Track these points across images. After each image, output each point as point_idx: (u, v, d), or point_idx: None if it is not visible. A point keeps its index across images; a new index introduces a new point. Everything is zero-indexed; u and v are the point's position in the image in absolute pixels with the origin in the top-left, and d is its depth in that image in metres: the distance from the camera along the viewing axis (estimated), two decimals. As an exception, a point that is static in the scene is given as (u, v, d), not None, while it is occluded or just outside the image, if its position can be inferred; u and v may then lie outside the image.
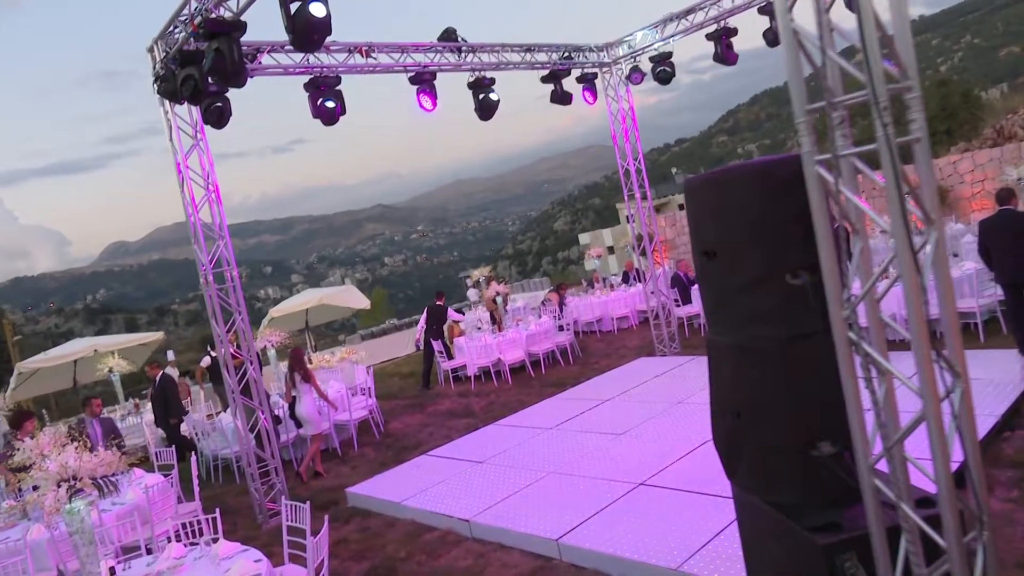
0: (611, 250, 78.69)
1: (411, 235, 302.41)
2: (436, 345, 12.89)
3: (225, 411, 11.37)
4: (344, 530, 6.94)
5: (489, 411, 10.56)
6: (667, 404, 8.46)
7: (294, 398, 9.16)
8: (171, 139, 7.47)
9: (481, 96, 9.70)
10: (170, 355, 18.67)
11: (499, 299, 13.41)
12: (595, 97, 11.24)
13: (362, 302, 19.33)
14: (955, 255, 11.00)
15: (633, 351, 12.61)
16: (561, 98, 10.71)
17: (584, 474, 6.79)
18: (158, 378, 10.73)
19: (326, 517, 5.07)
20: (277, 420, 9.48)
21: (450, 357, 13.22)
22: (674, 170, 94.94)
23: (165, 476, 7.26)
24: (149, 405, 13.63)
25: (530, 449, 7.90)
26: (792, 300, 3.05)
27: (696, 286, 13.69)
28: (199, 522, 5.77)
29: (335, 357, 14.32)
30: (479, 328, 13.59)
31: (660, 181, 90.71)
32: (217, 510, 5.51)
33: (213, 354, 13.67)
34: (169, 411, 10.51)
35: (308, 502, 5.16)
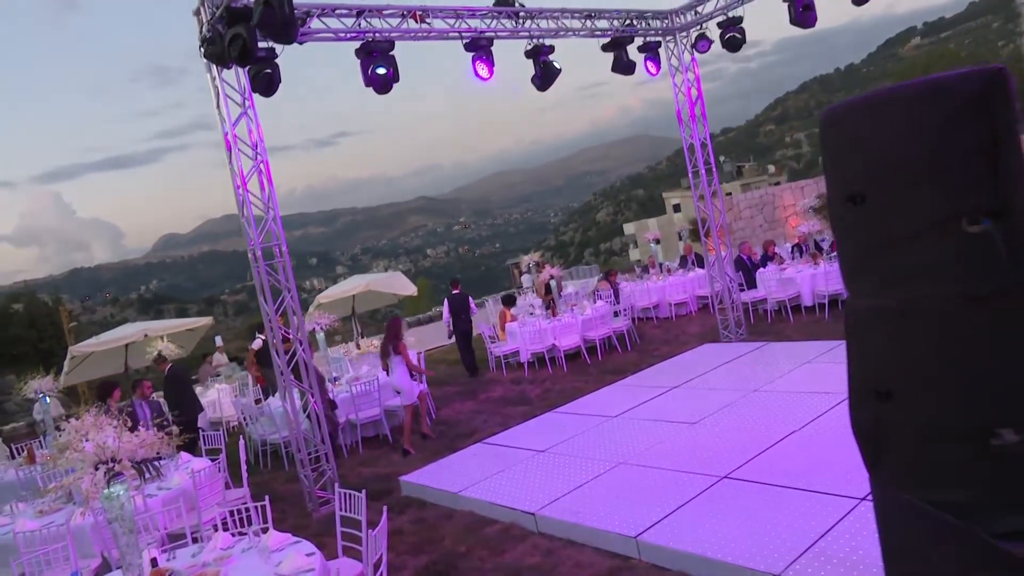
0: (657, 241, 77.61)
1: (453, 227, 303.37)
2: (486, 329, 12.42)
3: (274, 395, 11.10)
4: (398, 521, 6.51)
5: (545, 398, 10.05)
6: (742, 392, 7.83)
7: (387, 366, 8.91)
8: (218, 107, 7.09)
9: (543, 63, 9.14)
10: (218, 340, 18.61)
11: (553, 283, 12.87)
12: (658, 67, 10.59)
13: (409, 288, 19.00)
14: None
15: (695, 338, 11.95)
16: (625, 67, 10.10)
17: (658, 465, 6.23)
18: (167, 371, 10.13)
19: (384, 508, 4.62)
20: (333, 405, 9.13)
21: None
22: (722, 158, 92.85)
23: (213, 461, 6.93)
24: (198, 389, 13.50)
25: (595, 438, 7.37)
26: (970, 252, 2.45)
27: (762, 269, 12.96)
28: (247, 509, 5.43)
29: (376, 343, 14.01)
30: (532, 313, 13.07)
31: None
32: (267, 499, 5.11)
33: (263, 337, 13.46)
34: (180, 406, 9.18)
35: (363, 491, 4.72)
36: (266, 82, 7.10)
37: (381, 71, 7.83)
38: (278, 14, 5.45)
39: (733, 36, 10.00)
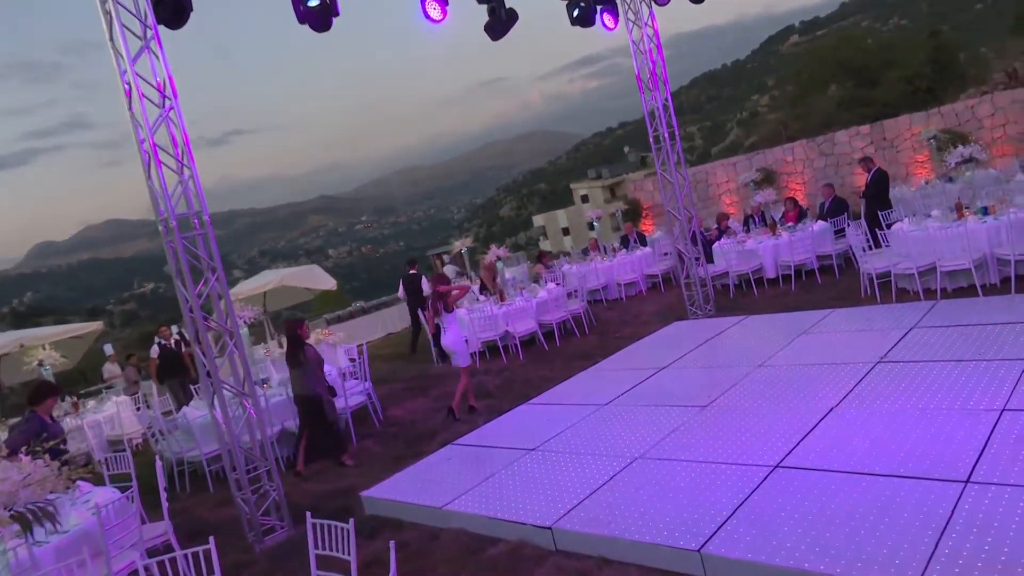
0: (566, 231, 77.72)
1: (356, 226, 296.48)
2: (436, 318, 11.18)
3: (180, 409, 9.49)
4: (371, 548, 5.23)
5: (508, 390, 8.94)
6: (745, 368, 6.98)
7: (438, 328, 8.26)
8: (111, 39, 5.57)
9: (494, 9, 8.00)
10: (108, 349, 16.43)
11: (500, 265, 11.76)
12: (616, 20, 9.65)
13: (328, 283, 17.40)
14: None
15: (656, 317, 11.13)
16: (583, 18, 9.09)
17: (684, 457, 5.24)
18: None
19: (391, 545, 3.40)
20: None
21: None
22: (626, 149, 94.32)
23: (122, 491, 5.43)
24: (90, 404, 11.60)
25: (592, 430, 6.32)
26: None
27: (718, 243, 12.31)
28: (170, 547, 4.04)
29: (310, 340, 12.51)
30: (477, 300, 11.92)
31: (611, 162, 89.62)
32: (211, 541, 3.76)
33: (164, 342, 11.68)
34: None
35: (351, 520, 3.49)
36: (173, 8, 5.65)
37: (314, 3, 6.47)
38: None
39: (697, -16, 9.18)
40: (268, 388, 8.52)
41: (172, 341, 11.59)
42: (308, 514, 3.89)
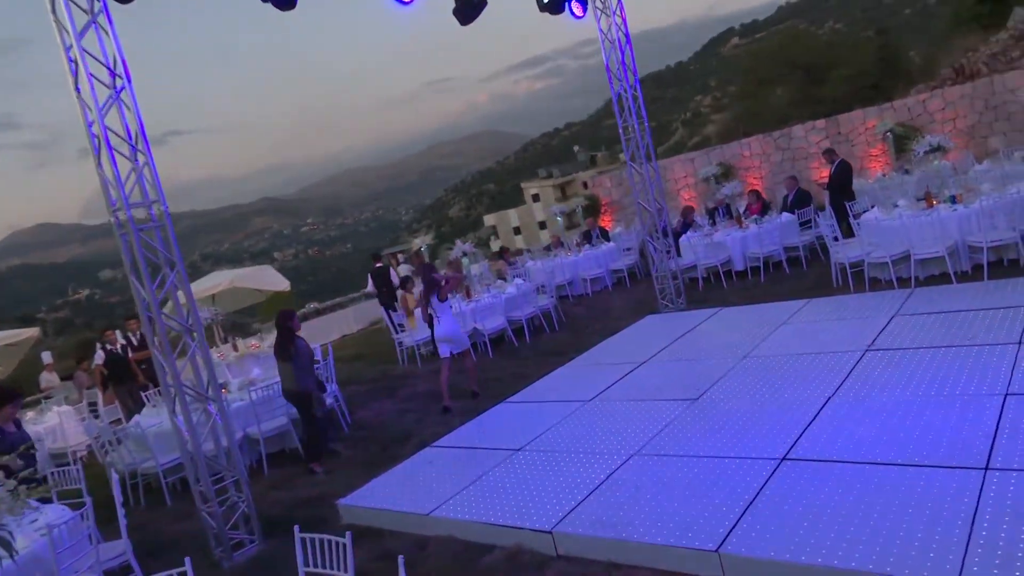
0: (517, 230, 77.60)
1: (301, 228, 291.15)
2: (397, 316, 10.84)
3: (131, 418, 8.91)
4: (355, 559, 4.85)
5: (481, 388, 8.62)
6: (731, 360, 6.82)
7: (431, 318, 8.11)
8: (53, 11, 5.06)
9: (464, -9, 7.69)
10: (46, 357, 15.49)
11: (466, 260, 11.43)
12: (584, 8, 9.43)
13: (281, 283, 16.79)
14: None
15: (628, 312, 10.96)
16: (553, 5, 8.83)
17: (682, 452, 5.03)
18: None
19: (400, 561, 3.07)
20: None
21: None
22: (576, 148, 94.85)
23: (74, 509, 4.94)
24: (28, 415, 10.82)
25: (579, 428, 6.06)
26: None
27: (684, 236, 12.23)
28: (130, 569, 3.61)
29: (265, 343, 12.01)
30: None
31: (561, 161, 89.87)
32: (188, 563, 3.37)
33: (111, 347, 10.99)
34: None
35: (348, 534, 3.15)
36: (124, -21, 5.17)
37: (279, -21, 6.06)
38: None
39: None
40: (228, 393, 8.01)
41: (119, 346, 10.90)
42: (296, 528, 3.54)
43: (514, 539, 4.54)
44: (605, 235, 15.22)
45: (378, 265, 13.59)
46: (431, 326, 8.23)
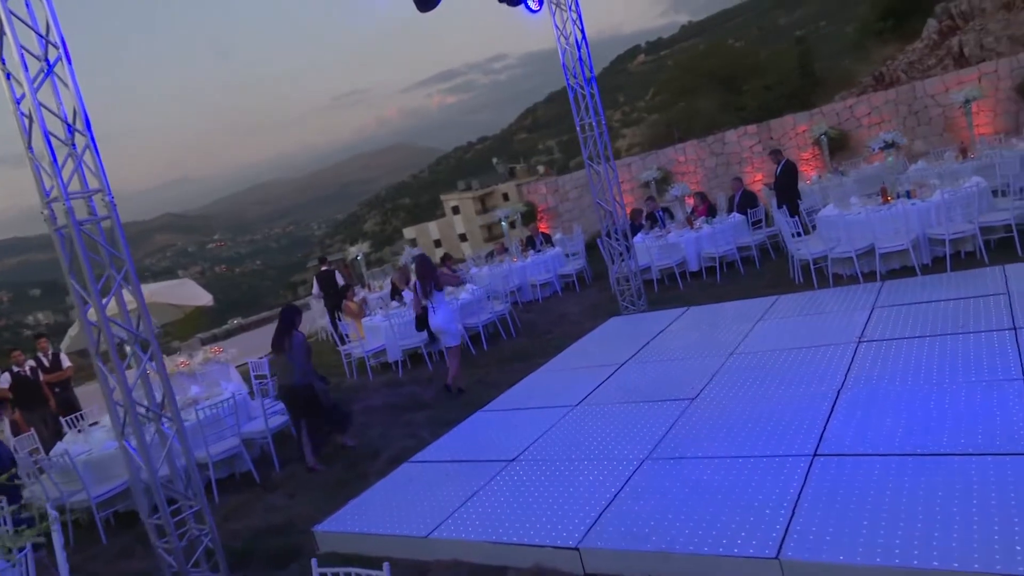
0: (438, 243, 76.80)
1: (208, 245, 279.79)
2: (343, 326, 10.19)
3: (53, 446, 7.95)
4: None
5: (446, 398, 8.13)
6: (718, 357, 6.59)
7: (424, 310, 8.09)
8: (-28, -32, 4.31)
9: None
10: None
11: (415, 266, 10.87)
12: (540, 3, 9.13)
13: (203, 298, 15.64)
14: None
15: (584, 316, 10.68)
16: (510, -4, 8.48)
17: (701, 454, 4.71)
18: None
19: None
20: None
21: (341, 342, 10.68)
22: (495, 160, 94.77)
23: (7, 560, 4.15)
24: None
25: (574, 433, 5.66)
26: None
27: (636, 238, 12.07)
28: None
29: (196, 359, 11.08)
30: (390, 306, 10.98)
31: (474, 175, 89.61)
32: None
33: (18, 369, 9.83)
34: None
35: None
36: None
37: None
38: None
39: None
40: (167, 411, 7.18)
41: (27, 368, 9.76)
42: (314, 562, 2.97)
43: (532, 558, 4.09)
44: (548, 240, 14.96)
45: (324, 268, 13.38)
46: (423, 320, 8.13)
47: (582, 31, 9.57)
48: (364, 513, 5.20)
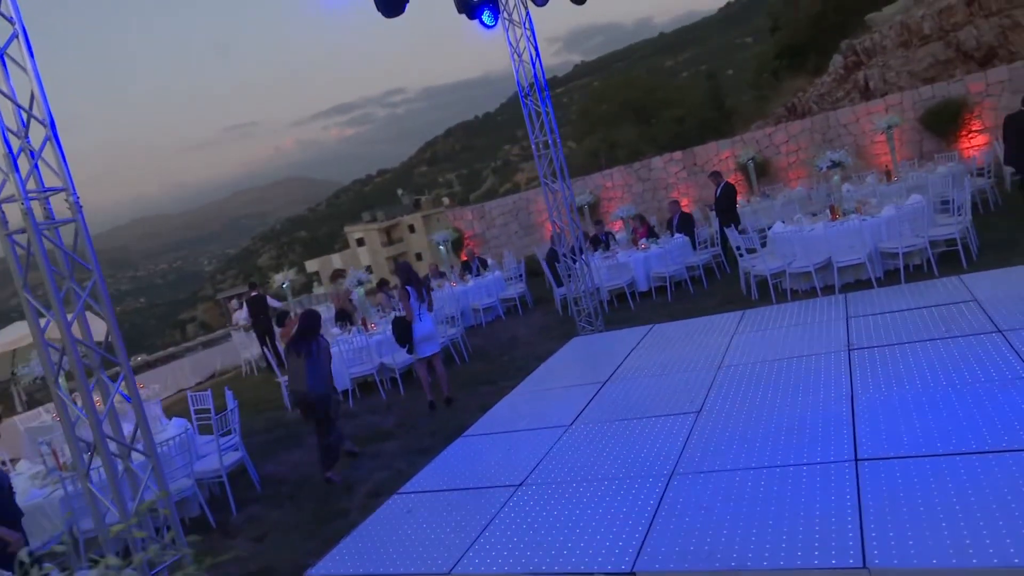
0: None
1: (84, 282, 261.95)
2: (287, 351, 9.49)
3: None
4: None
5: (410, 426, 7.66)
6: (706, 371, 6.46)
7: (395, 320, 8.03)
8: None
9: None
10: None
11: (360, 289, 10.34)
12: (496, 17, 8.98)
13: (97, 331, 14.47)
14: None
15: (537, 337, 10.46)
16: (467, 7, 8.28)
17: (732, 467, 4.49)
18: None
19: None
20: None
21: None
22: (400, 191, 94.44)
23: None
24: None
25: (580, 454, 5.34)
26: None
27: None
28: None
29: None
30: (345, 330, 10.36)
31: (380, 206, 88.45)
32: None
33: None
34: None
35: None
36: None
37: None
38: None
39: (581, -15, 8.85)
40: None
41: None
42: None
43: None
44: (484, 264, 14.71)
45: (254, 294, 13.42)
46: (404, 330, 7.88)
47: (535, 48, 9.47)
48: (363, 551, 4.66)
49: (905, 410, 4.66)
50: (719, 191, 11.81)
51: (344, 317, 11.34)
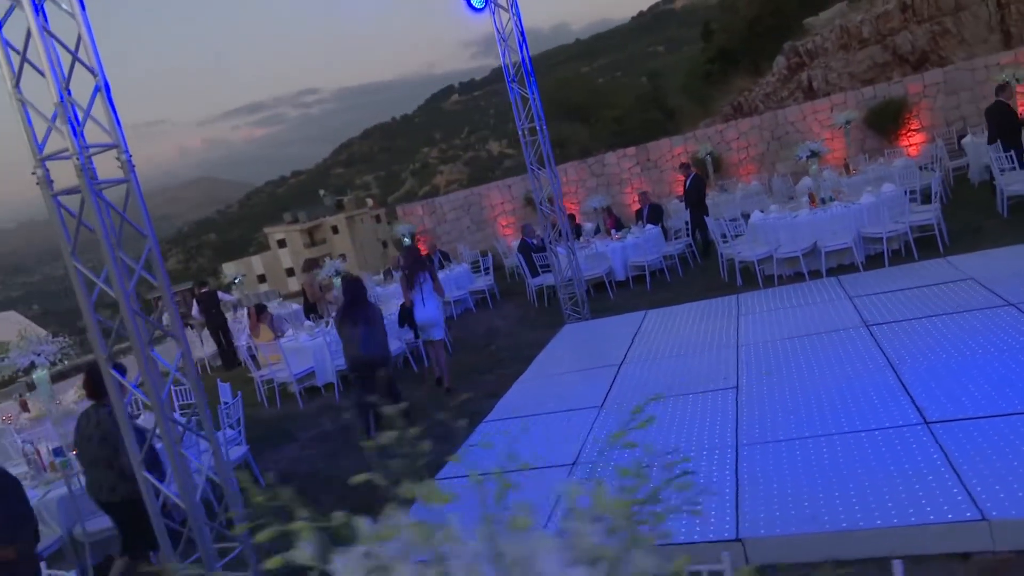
0: (262, 278, 72.86)
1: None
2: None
3: None
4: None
5: (419, 413, 7.36)
6: (726, 350, 6.51)
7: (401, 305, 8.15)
8: None
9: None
10: None
11: (338, 280, 9.95)
12: (486, 1, 8.82)
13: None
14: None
15: (517, 328, 10.34)
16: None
17: (799, 435, 4.52)
18: None
19: None
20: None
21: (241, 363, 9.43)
22: (322, 192, 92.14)
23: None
24: None
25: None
26: None
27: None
28: None
29: (70, 396, 9.30)
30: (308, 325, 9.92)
31: (296, 207, 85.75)
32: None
33: None
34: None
35: None
36: None
37: None
38: None
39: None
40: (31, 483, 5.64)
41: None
42: None
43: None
44: (447, 258, 14.48)
45: (204, 291, 13.18)
46: (409, 314, 7.87)
47: (522, 33, 9.36)
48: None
49: (952, 376, 4.79)
50: (688, 183, 12.01)
51: (313, 309, 10.89)
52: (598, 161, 17.71)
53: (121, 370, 3.82)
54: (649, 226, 11.87)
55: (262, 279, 70.92)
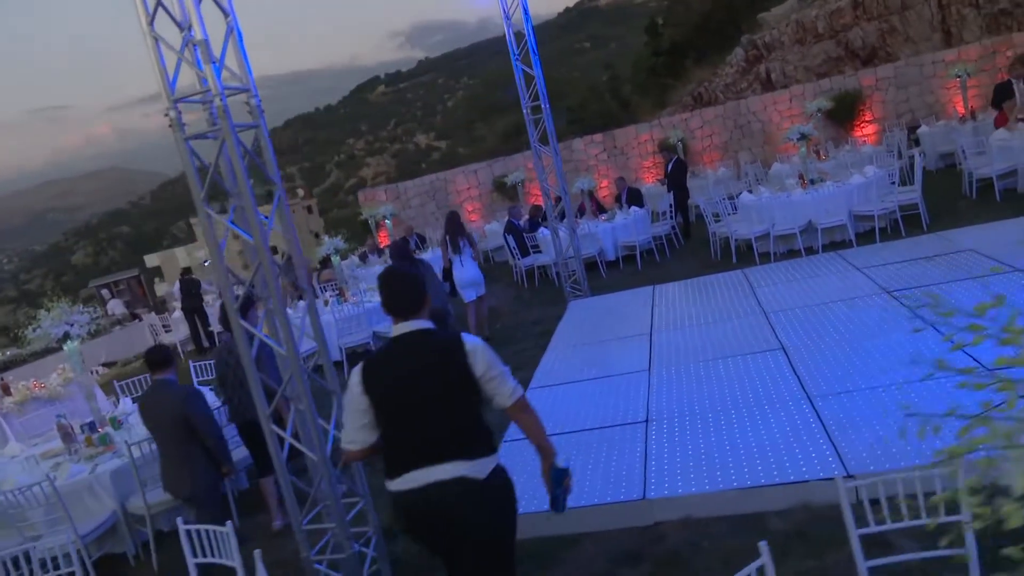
0: (187, 270, 70.08)
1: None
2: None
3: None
4: None
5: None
6: (757, 316, 6.77)
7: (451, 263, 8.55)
8: None
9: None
10: None
11: (336, 258, 9.76)
12: (496, -24, 8.82)
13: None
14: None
15: (513, 307, 10.44)
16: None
17: (864, 386, 4.78)
18: None
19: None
20: None
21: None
22: (251, 182, 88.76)
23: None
24: None
25: (689, 391, 5.43)
26: None
27: (543, 231, 12.05)
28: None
29: (57, 379, 8.88)
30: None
31: (217, 199, 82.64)
32: None
33: None
34: None
35: None
36: None
37: None
38: None
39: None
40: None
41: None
42: None
43: (795, 497, 3.82)
44: (423, 240, 14.42)
45: (186, 277, 13.71)
46: (449, 273, 8.61)
47: (526, 11, 9.40)
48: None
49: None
50: (671, 166, 12.33)
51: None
52: (566, 146, 17.88)
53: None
54: (634, 208, 12.12)
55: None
